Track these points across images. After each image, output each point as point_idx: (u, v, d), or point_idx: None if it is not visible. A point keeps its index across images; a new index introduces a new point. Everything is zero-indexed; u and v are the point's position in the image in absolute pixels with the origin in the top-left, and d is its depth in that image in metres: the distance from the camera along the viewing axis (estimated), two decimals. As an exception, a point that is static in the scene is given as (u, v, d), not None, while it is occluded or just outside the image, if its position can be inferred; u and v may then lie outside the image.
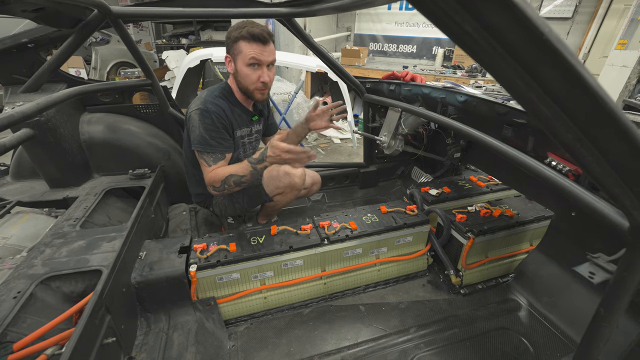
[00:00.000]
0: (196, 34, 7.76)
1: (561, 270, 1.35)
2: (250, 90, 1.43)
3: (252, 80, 1.40)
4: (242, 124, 1.54)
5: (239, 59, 1.37)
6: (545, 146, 1.25)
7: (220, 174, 1.37)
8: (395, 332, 1.33)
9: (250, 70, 1.38)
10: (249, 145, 1.65)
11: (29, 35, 1.38)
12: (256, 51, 1.34)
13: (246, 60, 1.35)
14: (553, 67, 0.40)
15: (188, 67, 3.69)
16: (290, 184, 1.52)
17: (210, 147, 1.39)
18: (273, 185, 1.54)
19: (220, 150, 1.42)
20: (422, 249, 1.62)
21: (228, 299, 1.36)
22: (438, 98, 1.69)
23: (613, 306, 0.73)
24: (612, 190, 0.55)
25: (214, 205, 1.69)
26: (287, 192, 1.56)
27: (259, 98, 1.46)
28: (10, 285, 0.98)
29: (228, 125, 1.45)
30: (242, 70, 1.39)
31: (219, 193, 1.43)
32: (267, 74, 1.40)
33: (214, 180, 1.39)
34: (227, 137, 1.45)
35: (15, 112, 1.03)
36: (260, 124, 1.68)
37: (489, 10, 0.38)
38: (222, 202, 1.65)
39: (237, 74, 1.41)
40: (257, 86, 1.41)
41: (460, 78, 4.75)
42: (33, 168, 1.66)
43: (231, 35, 1.36)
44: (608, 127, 0.45)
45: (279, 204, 1.66)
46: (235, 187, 1.38)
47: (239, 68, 1.39)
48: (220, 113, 1.41)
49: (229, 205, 1.65)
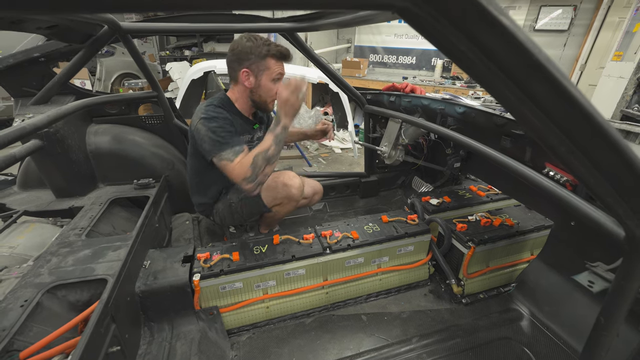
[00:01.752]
0: (199, 46, 7.90)
1: (562, 279, 1.36)
2: (268, 102, 1.52)
3: (272, 94, 1.48)
4: (243, 132, 1.57)
5: (265, 74, 1.44)
6: (543, 156, 1.27)
7: (246, 162, 1.29)
8: (397, 342, 1.33)
9: (273, 84, 1.47)
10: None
11: (40, 50, 1.43)
12: (282, 68, 1.46)
13: (273, 76, 1.45)
14: (543, 84, 0.43)
15: (192, 79, 3.76)
16: (288, 195, 1.54)
17: (225, 144, 1.35)
18: (271, 197, 1.56)
19: (236, 142, 1.37)
20: (423, 259, 1.63)
21: (231, 309, 1.36)
22: (437, 109, 1.72)
23: (612, 315, 0.74)
24: (605, 200, 0.57)
25: (215, 214, 1.71)
26: (285, 203, 1.58)
27: (271, 108, 1.57)
28: (18, 294, 1.00)
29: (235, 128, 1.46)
30: (266, 84, 1.46)
31: (253, 185, 1.29)
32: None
33: (243, 171, 1.28)
34: (237, 133, 1.45)
35: (27, 124, 1.06)
36: (262, 131, 1.72)
37: (482, 32, 0.41)
38: (222, 211, 1.67)
39: (259, 88, 1.47)
40: (273, 98, 1.49)
41: (460, 89, 4.82)
42: (40, 178, 1.68)
43: (256, 51, 1.39)
44: (598, 140, 0.47)
45: (278, 214, 1.67)
46: (266, 166, 1.28)
47: (262, 83, 1.45)
48: (225, 117, 1.43)
49: (228, 216, 1.67)
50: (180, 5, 0.41)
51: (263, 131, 1.74)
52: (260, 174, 1.28)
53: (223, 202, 1.65)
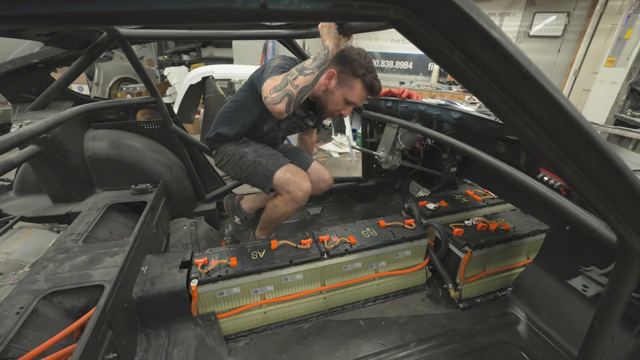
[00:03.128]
0: (197, 50, 7.95)
1: (558, 283, 1.37)
2: (327, 109, 1.56)
3: (335, 109, 1.52)
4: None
5: (344, 90, 1.46)
6: (538, 162, 1.29)
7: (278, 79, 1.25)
8: (395, 347, 1.33)
9: (344, 104, 1.50)
10: (291, 123, 1.71)
11: (39, 56, 1.44)
12: (362, 98, 1.48)
13: (348, 98, 1.47)
14: (534, 94, 0.44)
15: (190, 84, 3.78)
16: (293, 193, 1.55)
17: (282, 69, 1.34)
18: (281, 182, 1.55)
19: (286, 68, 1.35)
20: (420, 263, 1.64)
21: (228, 314, 1.36)
22: (433, 115, 1.74)
23: (606, 319, 0.75)
24: (596, 205, 0.58)
25: (219, 153, 1.67)
26: (286, 201, 1.58)
27: (324, 116, 1.65)
28: (13, 301, 0.99)
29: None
30: (338, 97, 1.48)
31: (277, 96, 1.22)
32: (348, 110, 1.54)
33: (275, 81, 1.25)
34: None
35: (26, 130, 1.06)
36: (312, 120, 1.74)
37: (474, 45, 0.43)
38: (228, 154, 1.62)
39: (332, 94, 1.49)
40: (335, 114, 1.55)
41: (456, 94, 4.87)
42: (36, 183, 1.68)
43: (355, 66, 1.41)
44: (587, 148, 0.49)
45: (274, 214, 1.65)
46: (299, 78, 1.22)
47: (336, 94, 1.48)
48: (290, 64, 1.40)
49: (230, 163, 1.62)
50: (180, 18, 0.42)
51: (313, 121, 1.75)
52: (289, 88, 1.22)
53: (237, 148, 1.63)
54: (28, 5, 0.35)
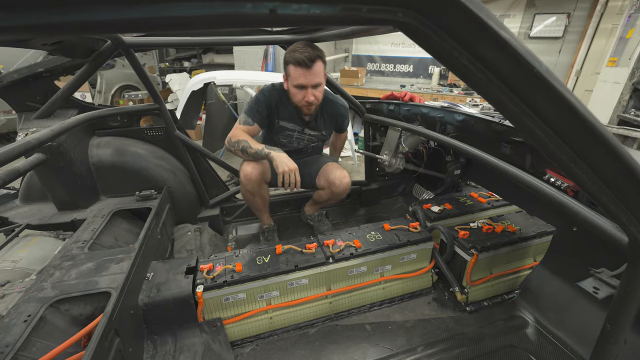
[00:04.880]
0: (198, 57, 8.00)
1: (566, 285, 1.35)
2: (298, 107, 1.64)
3: (299, 99, 1.59)
4: (288, 119, 1.74)
5: (289, 80, 1.57)
6: (543, 163, 1.28)
7: (239, 135, 1.62)
8: (402, 352, 1.32)
9: (297, 90, 1.55)
10: (297, 139, 1.84)
11: (45, 65, 1.45)
12: (300, 76, 1.51)
13: (293, 83, 1.55)
14: (544, 95, 0.44)
15: (192, 90, 3.80)
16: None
17: (248, 111, 1.66)
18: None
19: (252, 117, 1.64)
20: (426, 266, 1.63)
21: (234, 320, 1.35)
22: (436, 117, 1.74)
23: (619, 322, 0.74)
24: (608, 206, 0.58)
25: None
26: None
27: (305, 112, 1.67)
28: (21, 309, 0.99)
29: (270, 110, 1.68)
30: (291, 89, 1.59)
31: (228, 147, 1.66)
32: (312, 94, 1.56)
33: (233, 135, 1.63)
34: (263, 114, 1.67)
35: (32, 138, 1.07)
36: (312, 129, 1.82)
37: (483, 46, 0.42)
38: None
39: (289, 91, 1.61)
40: (302, 104, 1.59)
41: (457, 96, 4.87)
42: (42, 191, 1.69)
43: (285, 58, 1.54)
44: (599, 148, 0.48)
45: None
46: (240, 151, 1.62)
47: (289, 87, 1.59)
48: (269, 97, 1.66)
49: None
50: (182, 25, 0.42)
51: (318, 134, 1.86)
52: (234, 149, 1.64)
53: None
54: (40, 14, 0.35)
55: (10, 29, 0.35)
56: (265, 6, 0.38)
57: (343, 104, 1.89)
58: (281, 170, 1.51)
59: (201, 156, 2.06)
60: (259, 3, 0.37)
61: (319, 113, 1.77)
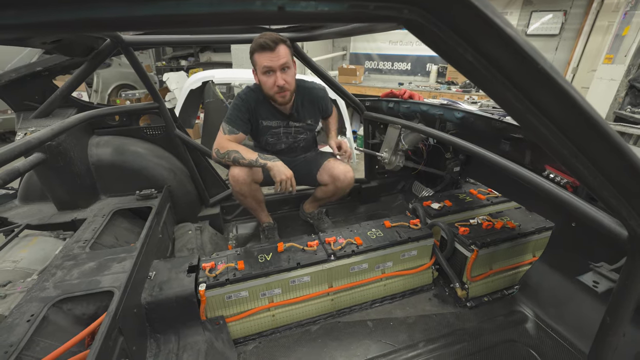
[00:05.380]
0: (195, 56, 7.96)
1: (565, 280, 1.37)
2: (271, 95, 1.59)
3: (269, 86, 1.55)
4: (270, 117, 1.72)
5: (257, 70, 1.55)
6: (543, 159, 1.29)
7: (227, 145, 1.60)
8: (404, 348, 1.33)
9: (266, 77, 1.53)
10: (284, 134, 1.82)
11: (43, 64, 1.44)
12: (266, 59, 1.48)
13: (261, 69, 1.51)
14: (548, 92, 0.44)
15: (190, 89, 3.79)
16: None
17: (229, 119, 1.64)
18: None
19: (236, 125, 1.63)
20: (427, 263, 1.64)
21: (237, 318, 1.36)
22: (436, 115, 1.75)
23: (618, 315, 0.75)
24: (608, 201, 0.59)
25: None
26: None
27: (280, 101, 1.62)
28: (23, 309, 0.99)
29: (251, 113, 1.67)
30: (261, 79, 1.56)
31: (217, 159, 1.65)
32: (281, 77, 1.52)
33: (221, 146, 1.61)
34: (245, 119, 1.66)
35: (32, 137, 1.07)
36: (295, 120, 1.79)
37: (488, 43, 0.43)
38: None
39: (260, 84, 1.59)
40: (274, 90, 1.55)
41: (455, 94, 4.88)
42: (41, 191, 1.68)
43: (249, 50, 1.52)
44: (601, 144, 0.49)
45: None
46: (232, 162, 1.61)
47: (259, 78, 1.57)
48: (247, 100, 1.65)
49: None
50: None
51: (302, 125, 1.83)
52: (225, 160, 1.62)
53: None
54: (50, 12, 0.35)
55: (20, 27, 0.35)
56: (274, 3, 0.38)
57: (320, 87, 1.85)
58: (279, 179, 1.54)
59: (201, 155, 2.06)
60: (268, 0, 0.37)
61: (298, 103, 1.74)
